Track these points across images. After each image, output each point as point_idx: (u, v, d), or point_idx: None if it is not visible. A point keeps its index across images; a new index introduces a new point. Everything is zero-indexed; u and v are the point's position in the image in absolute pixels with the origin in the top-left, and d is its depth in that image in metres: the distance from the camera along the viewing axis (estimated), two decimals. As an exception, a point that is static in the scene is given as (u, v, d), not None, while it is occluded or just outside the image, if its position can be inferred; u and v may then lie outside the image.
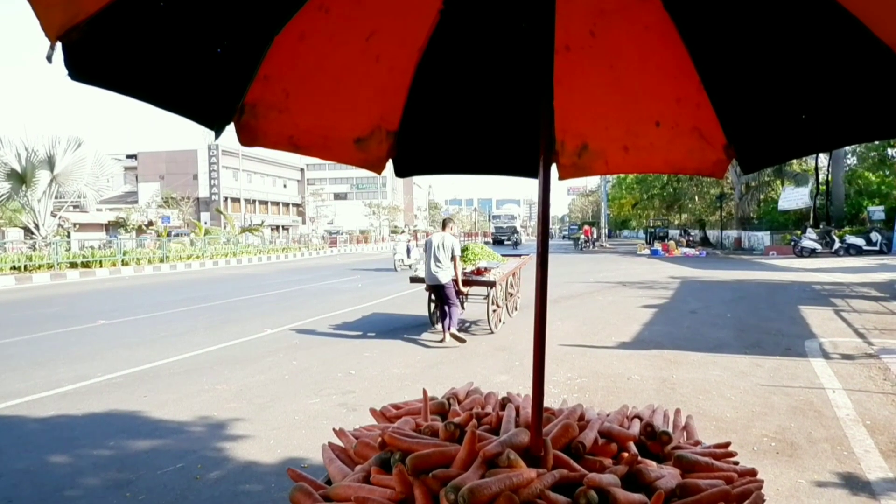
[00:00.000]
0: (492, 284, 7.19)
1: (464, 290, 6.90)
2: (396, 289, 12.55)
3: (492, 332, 7.14)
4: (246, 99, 1.28)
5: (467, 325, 7.66)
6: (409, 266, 17.23)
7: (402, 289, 12.60)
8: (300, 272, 18.41)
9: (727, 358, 5.58)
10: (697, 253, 25.46)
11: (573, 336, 6.91)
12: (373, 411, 1.83)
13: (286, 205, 65.24)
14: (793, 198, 25.87)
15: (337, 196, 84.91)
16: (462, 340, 6.50)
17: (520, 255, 9.96)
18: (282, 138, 1.40)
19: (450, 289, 6.61)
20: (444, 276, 6.58)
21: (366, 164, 1.60)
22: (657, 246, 27.95)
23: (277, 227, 59.41)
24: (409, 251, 18.26)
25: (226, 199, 52.13)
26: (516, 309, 8.52)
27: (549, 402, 4.45)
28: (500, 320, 7.52)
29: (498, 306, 7.45)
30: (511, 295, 8.34)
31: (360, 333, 7.32)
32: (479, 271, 7.40)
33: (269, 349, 6.39)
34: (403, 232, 16.46)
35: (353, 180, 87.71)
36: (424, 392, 1.73)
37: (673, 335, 6.80)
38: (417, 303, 10.25)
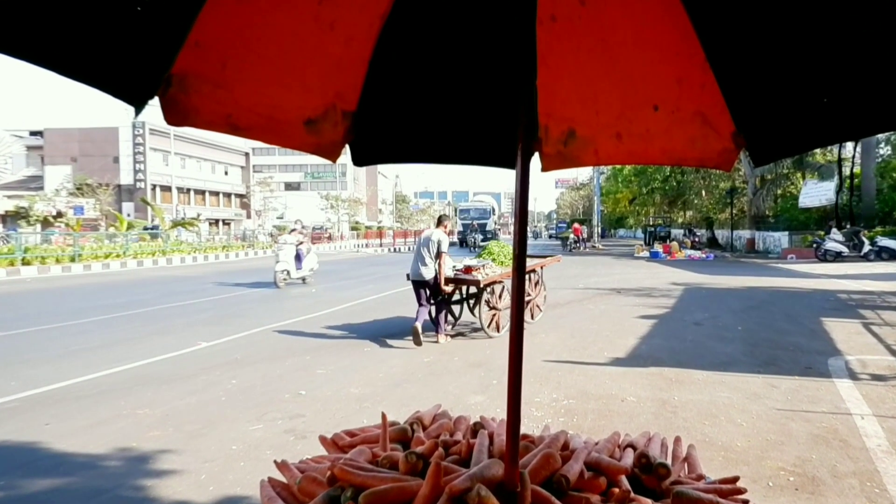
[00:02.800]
0: (475, 284, 7.58)
1: (446, 288, 7.56)
2: (358, 294, 12.51)
3: (490, 338, 7.64)
4: (173, 69, 1.25)
5: (452, 328, 7.68)
6: (303, 280, 14.94)
7: (364, 294, 12.59)
8: (243, 275, 18.14)
9: (737, 377, 5.71)
10: (704, 256, 26.03)
11: (559, 350, 6.99)
12: (322, 439, 1.82)
13: (227, 195, 64.33)
14: (815, 193, 26.17)
15: (288, 186, 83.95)
16: (418, 342, 7.21)
17: (543, 256, 10.19)
18: (218, 117, 1.38)
19: (433, 287, 7.43)
20: (429, 272, 7.42)
21: (318, 150, 1.59)
22: (657, 247, 28.44)
23: (217, 221, 58.51)
24: (299, 258, 14.54)
25: (154, 187, 51.07)
26: (531, 318, 8.75)
27: (529, 427, 4.49)
28: (497, 325, 7.88)
29: (497, 309, 7.90)
30: (530, 300, 8.69)
31: (313, 346, 7.28)
32: (467, 269, 7.75)
33: (203, 366, 6.30)
34: (293, 230, 15.23)
35: (308, 168, 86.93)
36: (384, 416, 1.73)
37: (674, 350, 6.95)
38: (381, 309, 10.24)
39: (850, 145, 25.13)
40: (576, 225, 38.43)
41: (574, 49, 1.50)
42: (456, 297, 8.40)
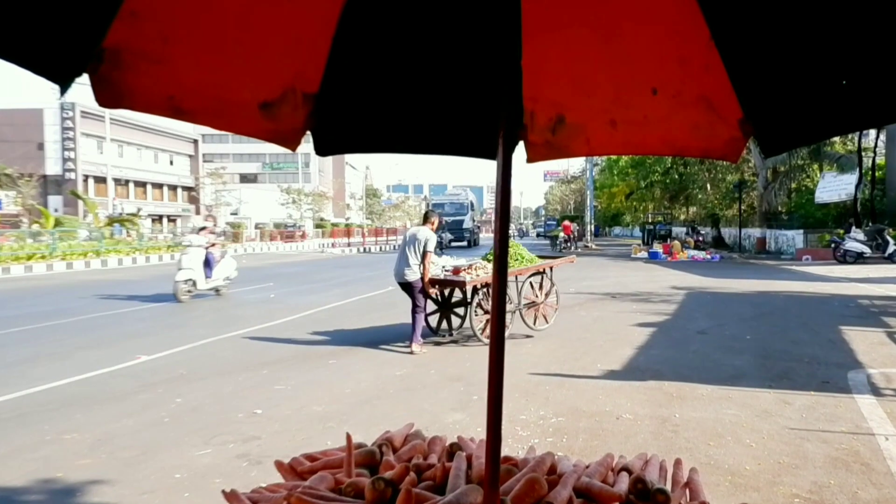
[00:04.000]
0: (460, 285, 7.82)
1: (432, 290, 7.78)
2: (322, 299, 12.46)
3: (484, 345, 7.59)
4: (105, 42, 1.23)
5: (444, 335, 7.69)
6: (216, 291, 13.20)
7: (329, 299, 12.54)
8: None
9: (746, 392, 5.80)
10: (709, 257, 26.44)
11: (548, 362, 7.04)
12: (279, 465, 1.81)
13: (173, 188, 63.60)
14: (834, 187, 26.38)
15: (244, 178, 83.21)
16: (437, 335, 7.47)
17: (555, 258, 10.33)
18: (158, 99, 1.37)
19: (417, 289, 7.58)
20: (413, 274, 7.58)
21: (276, 138, 1.58)
22: (657, 247, 28.78)
23: (161, 217, 57.76)
24: (210, 264, 12.86)
25: (86, 177, 50.22)
26: (534, 323, 8.79)
27: (513, 448, 4.51)
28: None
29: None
30: (533, 303, 8.78)
31: (271, 359, 7.25)
32: (456, 270, 7.93)
33: (144, 382, 6.23)
34: (203, 228, 13.63)
35: (266, 158, 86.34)
36: (349, 438, 1.72)
37: (676, 362, 7.04)
38: (350, 317, 10.20)
39: (872, 133, 25.39)
40: (566, 222, 38.71)
41: (564, 24, 1.51)
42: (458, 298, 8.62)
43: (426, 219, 7.99)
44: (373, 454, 1.77)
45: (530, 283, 8.83)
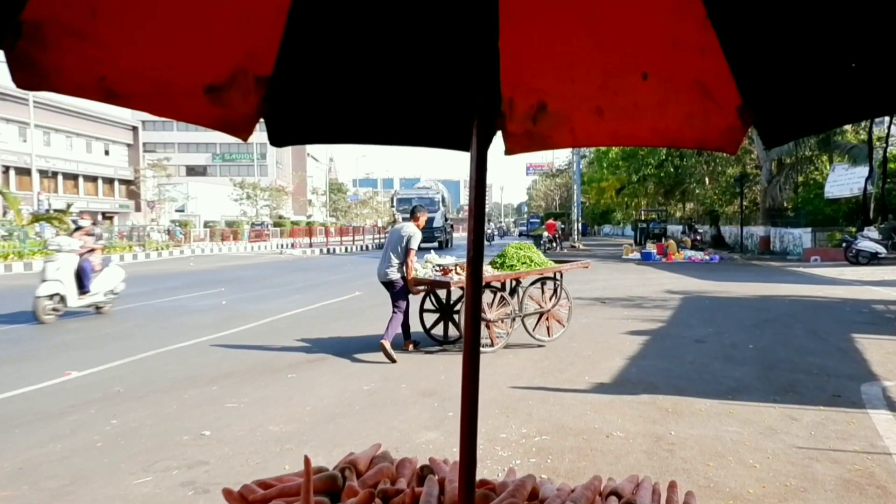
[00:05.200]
0: (445, 286, 8.07)
1: (416, 289, 8.12)
2: (281, 306, 12.40)
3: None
4: (24, 14, 1.21)
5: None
6: (96, 308, 11.76)
7: (289, 306, 12.47)
8: (133, 284, 17.62)
9: (749, 407, 5.87)
10: (707, 258, 26.84)
11: (530, 374, 7.09)
12: (227, 493, 1.79)
13: (109, 181, 62.61)
14: (845, 181, 26.68)
15: (191, 171, 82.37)
16: (391, 359, 7.62)
17: (566, 260, 10.48)
18: (87, 80, 1.34)
19: (399, 289, 8.01)
20: (395, 273, 8.02)
21: (225, 126, 1.57)
22: (650, 247, 29.18)
23: (95, 214, 56.74)
24: (84, 275, 11.23)
25: (6, 169, 49.10)
26: (548, 335, 8.89)
27: (493, 470, 4.51)
28: (490, 339, 8.23)
29: (487, 320, 8.19)
30: (544, 312, 8.93)
31: (222, 373, 7.20)
32: (445, 270, 8.28)
33: (74, 402, 6.12)
34: (77, 229, 11.98)
35: (216, 148, 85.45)
36: (307, 461, 1.71)
37: (671, 374, 7.13)
38: (311, 326, 10.15)
39: (885, 121, 25.58)
40: (550, 220, 38.91)
41: (545, 2, 1.52)
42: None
43: (413, 214, 8.35)
44: (334, 479, 1.76)
45: (538, 288, 8.98)
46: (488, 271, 8.42)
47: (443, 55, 1.62)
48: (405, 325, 8.28)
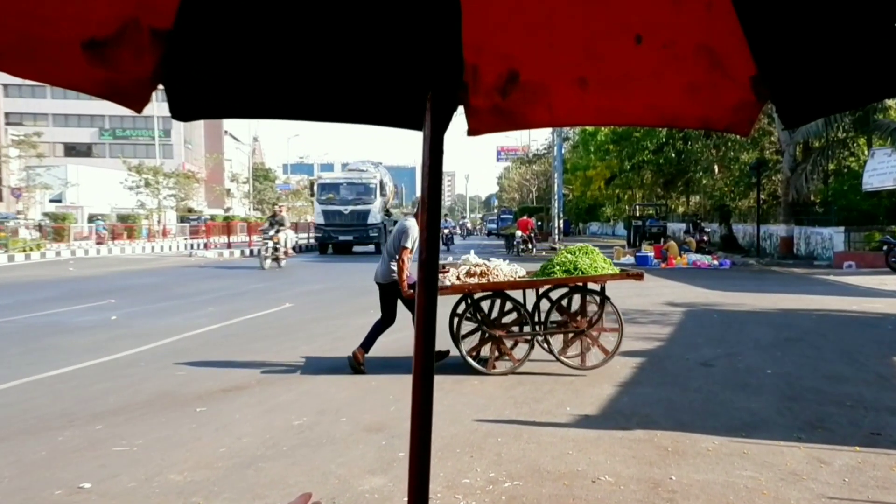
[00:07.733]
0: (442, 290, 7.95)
1: (410, 292, 8.33)
2: (188, 322, 12.26)
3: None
4: None
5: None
6: None
7: (198, 322, 12.32)
8: (-5, 293, 17.30)
9: (767, 447, 5.89)
10: (716, 262, 27.05)
11: (500, 404, 7.10)
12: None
13: (-38, 163, 61.07)
14: (888, 169, 25.95)
15: (71, 150, 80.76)
16: (359, 370, 8.22)
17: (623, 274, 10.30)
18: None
19: (390, 293, 8.43)
20: (397, 274, 8.36)
21: (111, 92, 1.52)
22: (647, 250, 29.39)
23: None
24: None
25: None
26: (605, 353, 8.63)
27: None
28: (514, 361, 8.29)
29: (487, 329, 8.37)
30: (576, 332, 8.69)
31: (109, 408, 7.05)
32: (443, 269, 8.53)
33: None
34: None
35: (105, 121, 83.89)
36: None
37: (672, 404, 7.17)
38: (227, 347, 10.04)
39: None
40: (524, 217, 38.89)
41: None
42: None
43: (417, 208, 8.68)
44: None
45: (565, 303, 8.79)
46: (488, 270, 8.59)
47: (390, 10, 1.60)
48: (374, 334, 8.54)
